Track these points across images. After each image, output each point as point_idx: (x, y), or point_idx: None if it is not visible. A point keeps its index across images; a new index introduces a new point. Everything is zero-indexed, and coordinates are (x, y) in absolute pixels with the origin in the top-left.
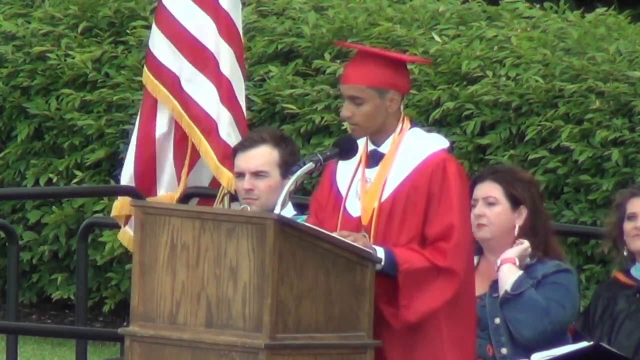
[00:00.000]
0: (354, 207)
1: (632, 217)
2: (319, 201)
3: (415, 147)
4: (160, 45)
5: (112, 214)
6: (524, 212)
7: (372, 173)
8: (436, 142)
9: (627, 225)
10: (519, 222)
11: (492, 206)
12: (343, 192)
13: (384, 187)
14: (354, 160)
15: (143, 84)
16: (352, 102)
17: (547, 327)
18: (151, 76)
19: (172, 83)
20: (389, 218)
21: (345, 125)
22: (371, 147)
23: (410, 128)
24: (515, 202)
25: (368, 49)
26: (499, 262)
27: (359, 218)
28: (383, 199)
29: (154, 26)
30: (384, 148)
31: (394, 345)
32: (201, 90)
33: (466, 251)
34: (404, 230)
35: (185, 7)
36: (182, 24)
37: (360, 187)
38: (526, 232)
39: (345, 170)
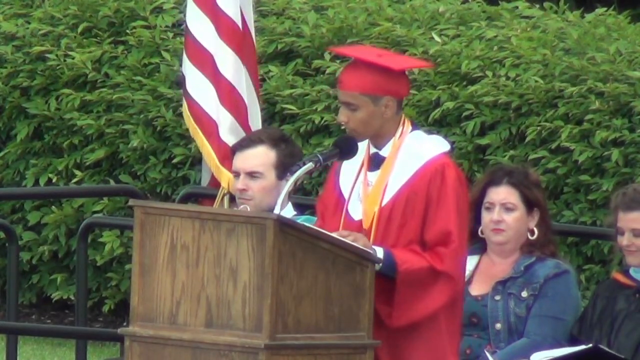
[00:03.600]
0: (356, 210)
1: (621, 232)
2: (324, 203)
3: (415, 151)
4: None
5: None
6: (537, 214)
7: (373, 176)
8: (436, 146)
9: (619, 239)
10: (532, 224)
11: (511, 212)
12: (345, 195)
13: (384, 192)
14: (357, 163)
15: (143, 83)
16: (347, 107)
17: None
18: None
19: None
20: (388, 222)
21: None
22: (372, 150)
23: (412, 131)
24: (530, 205)
25: (363, 58)
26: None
27: (360, 221)
28: (383, 203)
29: None
30: (384, 152)
31: (385, 345)
32: (202, 90)
33: (463, 256)
34: (403, 234)
35: (190, 9)
36: (188, 27)
37: (362, 191)
38: (538, 232)
39: (348, 173)
